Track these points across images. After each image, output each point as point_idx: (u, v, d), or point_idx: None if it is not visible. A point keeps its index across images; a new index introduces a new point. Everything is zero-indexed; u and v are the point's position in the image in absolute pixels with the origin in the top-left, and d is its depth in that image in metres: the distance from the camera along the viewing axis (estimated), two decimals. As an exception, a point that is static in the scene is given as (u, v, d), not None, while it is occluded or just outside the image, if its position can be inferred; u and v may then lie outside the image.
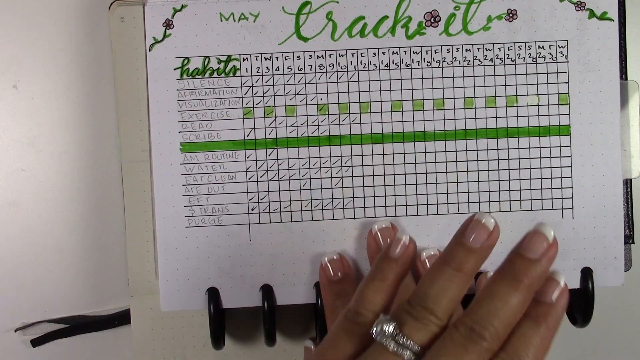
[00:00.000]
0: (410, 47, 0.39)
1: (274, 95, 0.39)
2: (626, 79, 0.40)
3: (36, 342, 0.44)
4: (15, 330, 0.44)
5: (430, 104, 0.39)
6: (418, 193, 0.39)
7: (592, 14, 0.39)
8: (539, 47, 0.39)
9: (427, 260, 0.38)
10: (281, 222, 0.39)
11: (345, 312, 0.30)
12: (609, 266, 0.40)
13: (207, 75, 0.39)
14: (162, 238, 0.39)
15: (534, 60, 0.39)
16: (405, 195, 0.39)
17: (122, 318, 0.43)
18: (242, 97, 0.39)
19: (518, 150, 0.39)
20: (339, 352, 0.30)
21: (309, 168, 0.39)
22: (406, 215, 0.39)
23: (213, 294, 0.39)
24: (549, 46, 0.39)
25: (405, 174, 0.39)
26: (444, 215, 0.39)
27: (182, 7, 0.39)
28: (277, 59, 0.39)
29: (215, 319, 0.39)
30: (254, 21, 0.39)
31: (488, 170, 0.39)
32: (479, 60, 0.39)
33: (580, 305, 0.40)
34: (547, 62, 0.39)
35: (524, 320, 0.29)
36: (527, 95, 0.39)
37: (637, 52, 0.42)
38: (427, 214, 0.39)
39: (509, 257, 0.29)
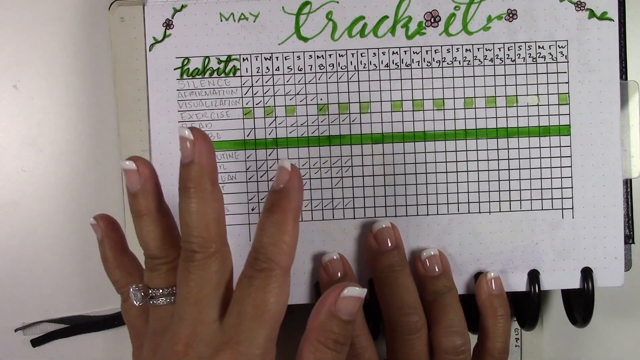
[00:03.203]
0: (410, 47, 0.39)
1: (274, 95, 0.39)
2: (626, 79, 0.40)
3: (36, 342, 0.44)
4: (15, 330, 0.44)
5: (430, 104, 0.39)
6: (418, 193, 0.39)
7: (592, 14, 0.39)
8: (539, 47, 0.39)
9: (426, 260, 0.38)
10: (281, 222, 0.39)
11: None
12: (609, 266, 0.40)
13: (207, 75, 0.39)
14: (162, 238, 0.39)
15: (534, 60, 0.39)
16: (405, 195, 0.39)
17: (122, 318, 0.43)
18: (242, 97, 0.39)
19: (518, 150, 0.39)
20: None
21: (309, 168, 0.39)
22: (406, 215, 0.39)
23: (213, 294, 0.39)
24: (549, 46, 0.39)
25: (405, 174, 0.39)
26: (444, 215, 0.39)
27: (182, 7, 0.39)
28: (277, 59, 0.39)
29: (215, 319, 0.39)
30: (254, 21, 0.39)
31: (488, 170, 0.39)
32: (479, 60, 0.39)
33: (580, 305, 0.40)
34: (547, 62, 0.39)
35: (263, 214, 0.30)
36: (527, 95, 0.39)
37: (637, 52, 0.42)
38: (427, 214, 0.39)
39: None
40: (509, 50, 0.39)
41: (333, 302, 0.30)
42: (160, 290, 0.31)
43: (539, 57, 0.39)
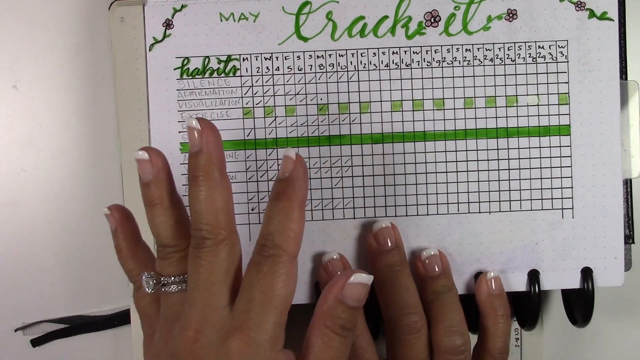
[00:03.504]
0: (410, 47, 0.39)
1: (274, 95, 0.39)
2: (626, 79, 0.40)
3: (36, 342, 0.44)
4: (15, 330, 0.44)
5: (430, 104, 0.39)
6: (418, 193, 0.39)
7: (592, 14, 0.39)
8: (539, 47, 0.39)
9: (426, 260, 0.38)
10: (281, 222, 0.39)
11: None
12: (609, 266, 0.40)
13: (207, 75, 0.39)
14: (162, 238, 0.39)
15: (534, 60, 0.39)
16: (405, 195, 0.39)
17: (122, 318, 0.43)
18: (242, 97, 0.39)
19: (518, 150, 0.39)
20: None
21: (309, 168, 0.39)
22: (406, 215, 0.39)
23: (213, 294, 0.39)
24: (549, 46, 0.39)
25: (405, 174, 0.39)
26: (444, 215, 0.39)
27: (182, 7, 0.39)
28: (277, 59, 0.39)
29: (215, 319, 0.39)
30: (254, 21, 0.39)
31: (488, 170, 0.39)
32: (479, 60, 0.39)
33: (580, 305, 0.40)
34: (547, 62, 0.39)
35: (270, 203, 0.31)
36: (527, 95, 0.39)
37: (637, 52, 0.42)
38: (427, 214, 0.39)
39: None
40: (509, 50, 0.39)
41: (340, 288, 0.31)
42: (172, 278, 0.32)
43: (539, 57, 0.39)
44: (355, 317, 0.31)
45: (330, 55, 0.39)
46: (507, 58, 0.39)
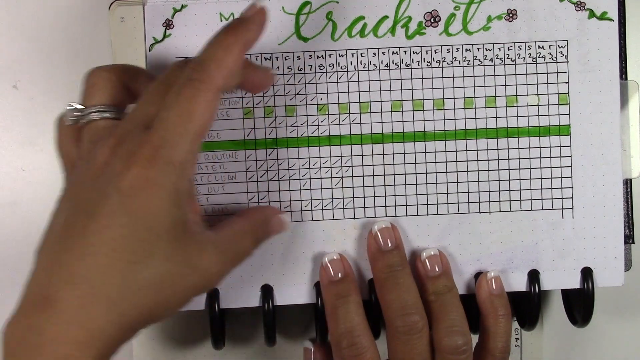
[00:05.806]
0: (410, 47, 0.39)
1: (274, 95, 0.39)
2: (626, 79, 0.40)
3: (36, 342, 0.44)
4: (15, 331, 0.43)
5: (430, 104, 0.39)
6: (418, 193, 0.39)
7: (592, 14, 0.39)
8: (539, 47, 0.39)
9: (427, 260, 0.38)
10: (281, 222, 0.39)
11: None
12: (609, 266, 0.40)
13: (207, 75, 0.39)
14: (162, 238, 0.39)
15: (534, 60, 0.39)
16: (405, 195, 0.39)
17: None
18: (242, 97, 0.39)
19: (518, 150, 0.39)
20: None
21: (309, 168, 0.39)
22: (406, 215, 0.39)
23: (213, 294, 0.39)
24: (549, 46, 0.39)
25: (405, 174, 0.39)
26: (444, 215, 0.39)
27: (182, 7, 0.39)
28: (277, 59, 0.39)
29: (215, 319, 0.39)
30: (254, 21, 0.39)
31: (488, 170, 0.39)
32: (479, 60, 0.39)
33: (580, 305, 0.40)
34: (547, 62, 0.39)
35: (216, 33, 0.32)
36: (527, 95, 0.39)
37: (637, 52, 0.42)
38: (427, 214, 0.39)
39: None
40: (509, 50, 0.39)
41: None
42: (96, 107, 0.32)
43: (539, 57, 0.39)
44: None
45: (330, 55, 0.39)
46: (507, 58, 0.39)
